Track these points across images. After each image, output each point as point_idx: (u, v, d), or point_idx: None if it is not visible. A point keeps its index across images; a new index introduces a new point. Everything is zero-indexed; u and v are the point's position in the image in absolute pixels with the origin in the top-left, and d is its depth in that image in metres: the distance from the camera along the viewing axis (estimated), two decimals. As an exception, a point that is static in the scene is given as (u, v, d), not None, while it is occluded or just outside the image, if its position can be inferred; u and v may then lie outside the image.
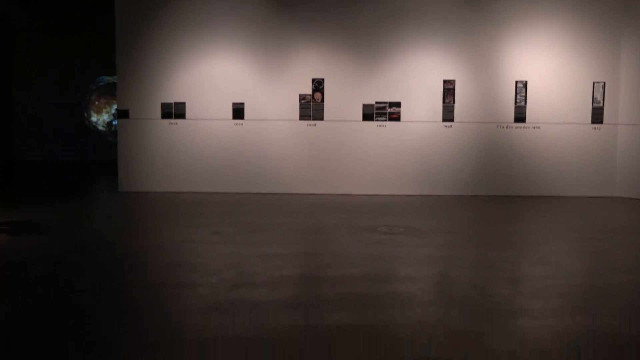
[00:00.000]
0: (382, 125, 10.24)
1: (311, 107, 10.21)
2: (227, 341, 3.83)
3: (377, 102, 10.23)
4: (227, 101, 10.23)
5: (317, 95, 10.21)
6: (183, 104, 10.20)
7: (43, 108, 15.77)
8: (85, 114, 15.15)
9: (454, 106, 10.26)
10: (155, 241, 6.59)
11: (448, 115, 10.25)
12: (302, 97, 10.21)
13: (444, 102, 10.25)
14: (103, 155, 15.15)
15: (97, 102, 14.84)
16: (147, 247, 6.33)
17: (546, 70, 10.29)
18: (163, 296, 4.68)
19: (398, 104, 10.21)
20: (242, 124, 10.22)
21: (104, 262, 5.73)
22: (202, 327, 4.05)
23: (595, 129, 10.33)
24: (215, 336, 3.90)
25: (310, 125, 10.24)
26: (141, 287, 4.92)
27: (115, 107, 14.90)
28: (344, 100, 10.24)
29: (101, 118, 14.36)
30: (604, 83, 10.29)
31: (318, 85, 10.21)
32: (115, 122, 14.80)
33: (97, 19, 15.36)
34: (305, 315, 4.30)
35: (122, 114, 10.25)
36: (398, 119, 10.22)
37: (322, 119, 10.24)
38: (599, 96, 10.31)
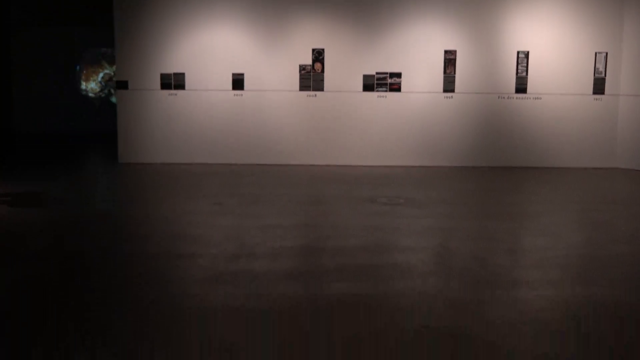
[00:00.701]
0: (383, 96, 10.19)
1: (311, 77, 10.15)
2: (227, 311, 3.85)
3: (377, 73, 10.16)
4: (227, 72, 10.17)
5: (317, 65, 10.15)
6: (182, 74, 10.14)
7: (41, 79, 15.68)
8: (78, 84, 15.12)
9: (454, 77, 10.20)
10: (156, 212, 6.59)
11: (449, 86, 10.19)
12: (302, 68, 10.15)
13: (444, 72, 10.18)
14: (103, 127, 15.11)
15: (84, 72, 14.79)
16: (148, 219, 6.33)
17: (548, 41, 10.21)
18: (164, 267, 4.69)
19: (399, 75, 10.15)
20: (241, 95, 10.17)
21: (104, 234, 5.74)
22: (203, 298, 4.06)
23: (596, 99, 10.28)
24: (216, 307, 3.92)
25: (310, 96, 10.19)
26: (142, 258, 4.93)
27: (102, 74, 14.82)
28: (345, 71, 10.18)
29: (89, 86, 14.31)
30: (606, 53, 10.22)
31: (318, 55, 10.13)
32: (106, 89, 14.73)
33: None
34: (306, 286, 4.31)
35: (121, 85, 10.19)
36: (399, 89, 10.17)
37: (322, 89, 10.18)
38: (600, 67, 10.24)
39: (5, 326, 3.63)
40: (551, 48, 10.20)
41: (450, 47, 10.17)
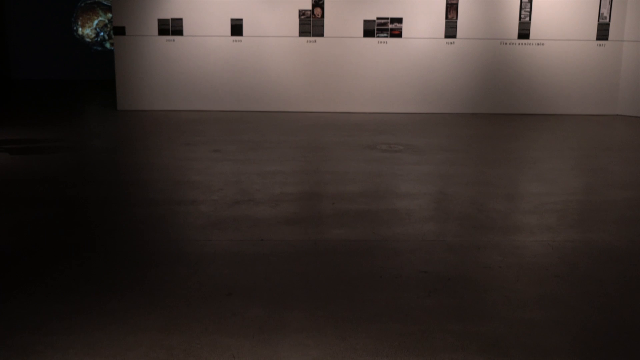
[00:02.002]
0: (384, 42, 10.08)
1: (311, 23, 10.02)
2: (228, 256, 3.91)
3: (378, 18, 10.03)
4: (225, 17, 10.04)
5: (317, 10, 10.00)
6: (180, 20, 10.00)
7: (38, 26, 15.47)
8: (74, 30, 14.95)
9: (456, 22, 10.07)
10: (156, 159, 6.62)
11: (450, 31, 10.07)
12: (301, 13, 10.01)
13: (446, 18, 10.05)
14: (101, 74, 14.99)
15: (80, 18, 14.62)
16: (148, 165, 6.36)
17: (552, -15, 10.04)
18: (164, 213, 4.74)
19: (400, 20, 10.02)
20: (240, 41, 10.06)
21: (105, 180, 5.78)
22: (204, 243, 4.12)
23: (600, 45, 10.17)
24: (217, 252, 3.98)
25: (310, 41, 10.08)
26: (143, 204, 4.97)
27: (97, 21, 14.63)
28: (345, 16, 10.05)
29: (85, 32, 14.15)
30: (611, -2, 10.06)
31: (318, 0, 9.98)
32: (101, 34, 14.55)
33: None
34: (306, 231, 4.37)
35: (118, 31, 10.08)
36: (400, 35, 10.05)
37: (322, 35, 10.07)
38: (605, 12, 10.10)
39: (8, 270, 3.69)
40: (555, -8, 10.04)
41: (452, -8, 10.01)
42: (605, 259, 3.99)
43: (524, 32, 10.11)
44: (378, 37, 10.06)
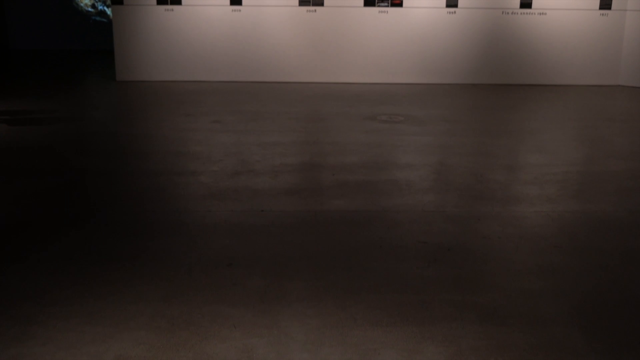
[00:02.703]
0: (384, 12, 9.98)
1: (311, -8, 9.91)
2: (228, 227, 3.92)
3: (378, -13, 9.92)
4: (225, -14, 9.92)
5: (317, -21, 9.89)
6: (179, -11, 9.90)
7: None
8: (72, 0, 14.82)
9: (457, -9, 9.96)
10: (156, 130, 6.60)
11: (452, 0, 9.97)
12: (301, -18, 9.90)
13: (447, -14, 9.94)
14: (100, 44, 14.88)
15: None
16: (148, 136, 6.35)
17: (555, -47, 9.92)
18: (165, 184, 4.75)
19: (400, -11, 9.91)
20: (240, 10, 9.97)
21: (105, 151, 5.77)
22: (204, 214, 4.13)
23: (602, 15, 10.08)
24: (217, 222, 3.99)
25: (310, 11, 9.99)
26: (142, 174, 4.97)
27: None
28: (345, -15, 9.93)
29: (84, 1, 14.03)
30: (614, -34, 9.94)
31: (318, -31, 9.86)
32: (101, 7, 14.43)
33: None
34: (306, 202, 4.38)
35: (116, 0, 9.98)
36: (400, 4, 9.95)
37: (322, 4, 9.96)
38: (608, -20, 9.98)
39: (9, 240, 3.71)
40: (557, -40, 9.92)
41: (453, -40, 9.89)
42: (605, 229, 4.00)
43: (526, 1, 10.00)
44: (379, 6, 9.96)
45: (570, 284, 3.24)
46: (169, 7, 9.92)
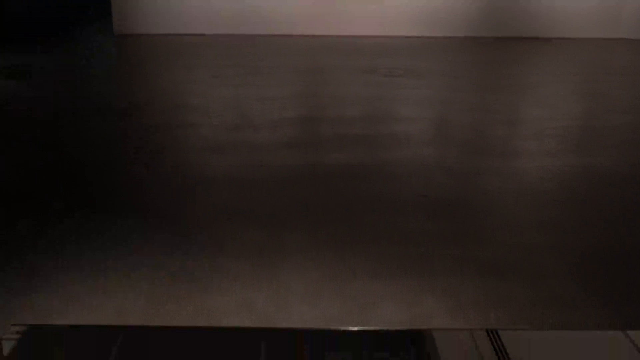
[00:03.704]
0: (384, -37, 9.78)
1: (310, -58, 9.69)
2: (227, 181, 3.91)
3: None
4: None
5: None
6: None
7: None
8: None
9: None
10: (154, 84, 6.54)
11: (453, -49, 9.76)
12: None
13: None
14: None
15: None
16: (146, 90, 6.29)
17: None
18: (163, 137, 4.72)
19: (401, -61, 9.69)
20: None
21: (101, 106, 5.71)
22: (203, 167, 4.12)
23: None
24: (216, 176, 3.98)
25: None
26: (141, 128, 4.94)
27: None
28: None
29: None
30: None
31: None
32: None
33: None
34: (305, 156, 4.36)
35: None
36: (400, -45, 9.74)
37: (321, -45, 9.76)
38: None
39: (10, 191, 3.70)
40: None
41: None
42: (606, 183, 4.00)
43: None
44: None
45: (570, 238, 3.25)
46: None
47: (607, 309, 2.63)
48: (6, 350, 1.75)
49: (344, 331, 2.03)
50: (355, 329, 2.17)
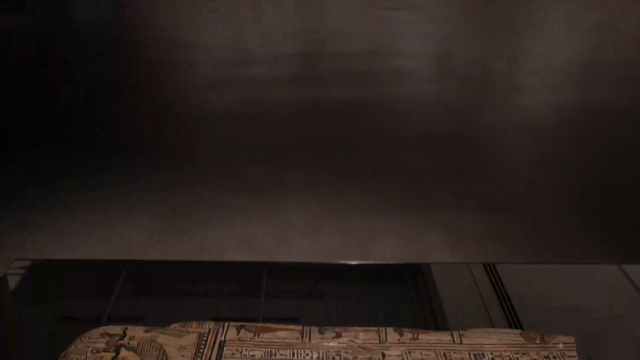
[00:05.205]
0: None
1: None
2: (227, 117, 3.89)
3: None
4: None
5: None
6: None
7: None
8: None
9: None
10: (151, 18, 6.43)
11: None
12: None
13: None
14: None
15: None
16: (143, 25, 6.19)
17: None
18: (161, 73, 4.67)
19: None
20: None
21: (97, 42, 5.63)
22: (203, 104, 4.09)
23: None
24: (216, 112, 3.95)
25: None
26: (139, 65, 4.88)
27: None
28: None
29: None
30: None
31: None
32: None
33: None
34: (305, 92, 4.32)
35: None
36: None
37: None
38: None
39: (8, 126, 3.68)
40: None
41: None
42: (607, 119, 3.97)
43: None
44: None
45: (570, 174, 3.24)
46: None
47: (606, 245, 2.65)
48: (10, 285, 1.77)
49: (344, 265, 2.05)
50: (355, 263, 2.19)
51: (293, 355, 1.21)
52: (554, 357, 1.21)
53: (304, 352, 1.22)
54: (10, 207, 2.84)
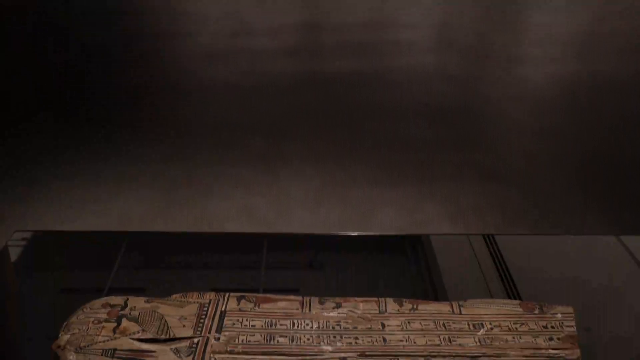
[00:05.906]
0: None
1: None
2: (227, 89, 3.87)
3: None
4: None
5: None
6: None
7: None
8: None
9: None
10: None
11: None
12: None
13: None
14: None
15: None
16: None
17: None
18: (160, 46, 4.63)
19: None
20: None
21: (92, 12, 5.57)
22: (202, 76, 4.07)
23: None
24: (215, 84, 3.93)
25: None
26: (137, 36, 4.84)
27: None
28: None
29: None
30: None
31: None
32: None
33: None
34: (305, 63, 4.30)
35: None
36: None
37: None
38: None
39: (6, 102, 3.67)
40: None
41: None
42: (608, 90, 3.95)
43: None
44: None
45: (570, 145, 3.24)
46: None
47: (605, 215, 2.65)
48: (11, 257, 1.78)
49: (344, 236, 2.06)
50: (355, 234, 2.19)
51: (293, 325, 1.22)
52: (552, 327, 1.22)
53: (304, 322, 1.23)
54: (10, 178, 2.84)
